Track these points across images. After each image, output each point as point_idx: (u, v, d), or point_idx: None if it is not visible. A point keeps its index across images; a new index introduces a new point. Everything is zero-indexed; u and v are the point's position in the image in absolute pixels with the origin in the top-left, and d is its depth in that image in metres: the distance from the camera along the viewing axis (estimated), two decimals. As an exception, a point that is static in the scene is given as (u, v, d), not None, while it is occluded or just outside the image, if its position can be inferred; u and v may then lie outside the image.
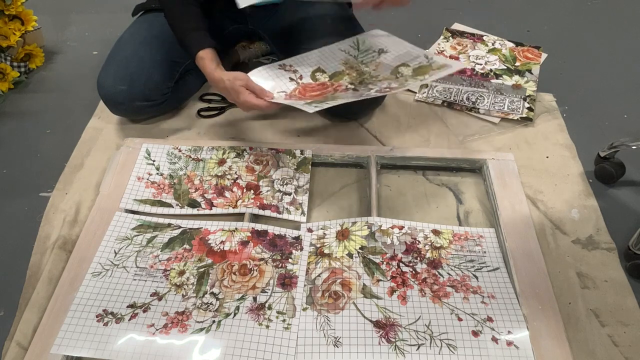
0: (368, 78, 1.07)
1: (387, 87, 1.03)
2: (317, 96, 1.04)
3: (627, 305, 0.89)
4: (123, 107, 1.17)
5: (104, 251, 0.93)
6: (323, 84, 1.07)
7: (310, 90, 1.06)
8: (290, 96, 1.05)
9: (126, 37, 1.20)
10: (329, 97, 1.02)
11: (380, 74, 1.07)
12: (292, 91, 1.06)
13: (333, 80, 1.08)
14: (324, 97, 1.02)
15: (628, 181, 1.12)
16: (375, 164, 1.10)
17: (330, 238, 0.96)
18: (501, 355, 0.80)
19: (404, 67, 1.08)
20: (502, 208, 1.01)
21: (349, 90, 1.05)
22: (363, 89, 1.04)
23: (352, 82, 1.07)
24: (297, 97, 1.04)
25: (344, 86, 1.06)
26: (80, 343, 0.80)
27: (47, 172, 1.13)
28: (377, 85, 1.04)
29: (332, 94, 1.04)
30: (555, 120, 1.26)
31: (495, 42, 1.48)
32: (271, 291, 0.87)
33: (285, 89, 1.07)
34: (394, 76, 1.06)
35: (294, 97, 1.04)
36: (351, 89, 1.05)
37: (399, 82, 1.04)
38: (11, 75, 1.35)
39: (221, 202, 1.03)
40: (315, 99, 1.01)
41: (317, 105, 0.96)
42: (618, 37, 1.57)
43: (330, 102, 0.98)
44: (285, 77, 1.09)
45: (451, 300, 0.87)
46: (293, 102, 1.00)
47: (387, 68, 1.09)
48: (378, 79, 1.06)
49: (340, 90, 1.05)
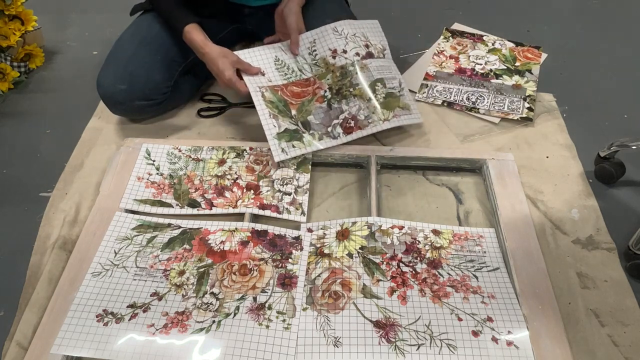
0: (347, 85, 1.12)
1: (354, 113, 1.11)
2: (296, 95, 1.11)
3: (627, 305, 0.89)
4: (123, 106, 1.17)
5: (104, 251, 0.93)
6: (307, 80, 1.13)
7: (293, 87, 1.12)
8: (273, 87, 1.12)
9: (126, 36, 1.20)
10: (305, 104, 1.11)
11: (360, 84, 1.12)
12: (275, 85, 1.12)
13: (316, 77, 1.12)
14: (300, 103, 1.11)
15: (628, 181, 1.12)
16: (375, 164, 1.09)
17: (330, 238, 0.96)
18: (501, 355, 0.80)
19: (380, 85, 1.14)
20: (502, 208, 1.01)
21: (323, 104, 1.11)
22: (336, 104, 1.11)
23: (331, 87, 1.12)
24: (280, 89, 1.12)
25: (323, 90, 1.12)
26: (80, 343, 0.80)
27: (47, 172, 1.13)
28: (350, 102, 1.11)
29: (308, 100, 1.10)
30: (555, 120, 1.26)
31: (495, 42, 1.48)
32: (271, 291, 0.87)
33: (271, 78, 1.13)
34: (366, 97, 1.12)
35: (277, 89, 1.11)
36: (327, 99, 1.11)
37: (368, 109, 1.12)
38: (11, 75, 1.35)
39: (221, 202, 1.03)
40: (296, 106, 1.11)
41: (291, 145, 1.07)
42: (618, 37, 1.57)
43: (302, 146, 1.08)
44: (271, 57, 1.14)
45: (451, 300, 0.87)
46: (267, 125, 1.08)
47: (369, 77, 1.14)
48: (354, 92, 1.12)
49: (317, 98, 1.11)
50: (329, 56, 1.14)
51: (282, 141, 1.07)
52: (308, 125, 1.10)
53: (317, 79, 1.12)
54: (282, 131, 1.08)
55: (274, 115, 1.09)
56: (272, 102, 1.10)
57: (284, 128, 1.08)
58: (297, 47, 1.14)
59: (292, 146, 1.07)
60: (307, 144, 1.08)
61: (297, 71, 1.14)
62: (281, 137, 1.07)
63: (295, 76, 1.14)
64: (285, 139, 1.07)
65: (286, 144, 1.07)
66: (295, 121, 1.09)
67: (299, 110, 1.10)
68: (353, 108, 1.11)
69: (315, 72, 1.13)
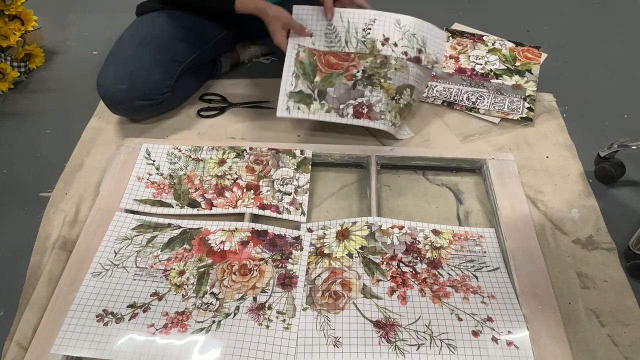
0: (381, 75, 1.11)
1: (372, 103, 1.11)
2: (330, 65, 1.12)
3: (627, 305, 0.89)
4: (122, 106, 1.17)
5: (104, 251, 0.93)
6: (347, 55, 1.12)
7: (331, 57, 1.12)
8: (312, 51, 1.13)
9: (126, 36, 1.20)
10: (332, 76, 1.11)
11: (393, 80, 1.12)
12: (315, 49, 1.13)
13: (357, 55, 1.12)
14: (328, 74, 1.11)
15: (628, 181, 1.12)
16: (375, 164, 1.10)
17: (330, 238, 0.96)
18: (501, 355, 0.80)
19: (408, 92, 1.14)
20: (502, 208, 1.01)
21: (350, 82, 1.11)
22: (361, 87, 1.11)
23: (364, 70, 1.12)
24: (317, 54, 1.12)
25: (356, 70, 1.11)
26: (80, 343, 0.80)
27: (47, 172, 1.13)
28: (374, 91, 1.11)
29: (338, 74, 1.11)
30: (555, 120, 1.26)
31: (495, 42, 1.48)
32: (271, 291, 0.87)
33: (315, 41, 1.13)
34: (392, 95, 1.12)
35: (315, 53, 1.12)
36: (355, 79, 1.11)
37: (387, 105, 1.12)
38: (11, 75, 1.35)
39: (221, 202, 1.03)
40: (323, 75, 1.11)
41: (297, 106, 1.09)
42: (618, 37, 1.57)
43: (306, 111, 1.10)
44: (326, 20, 1.14)
45: (451, 300, 0.87)
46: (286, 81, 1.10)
47: (403, 79, 1.13)
48: (383, 84, 1.11)
49: (347, 75, 1.11)
50: (379, 41, 1.13)
51: (291, 100, 1.09)
52: (324, 95, 1.11)
53: (357, 57, 1.12)
54: (297, 91, 1.10)
55: (297, 75, 1.11)
56: (302, 64, 1.11)
57: (299, 89, 1.10)
58: (330, 13, 1.12)
59: (298, 108, 1.09)
60: (312, 111, 1.10)
61: (342, 42, 1.13)
62: (292, 96, 1.10)
63: (339, 47, 1.13)
64: (294, 99, 1.10)
65: (293, 104, 1.09)
66: (313, 87, 1.11)
67: (323, 79, 1.11)
68: (374, 98, 1.11)
69: (359, 50, 1.13)
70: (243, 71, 1.42)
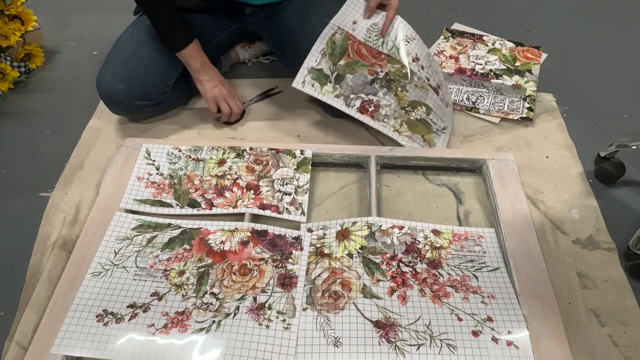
0: (401, 84, 1.13)
1: (381, 104, 1.12)
2: (359, 54, 1.14)
3: (627, 305, 0.89)
4: (122, 106, 1.17)
5: (104, 251, 0.93)
6: (379, 53, 1.15)
7: (363, 49, 1.14)
8: (349, 36, 1.14)
9: (126, 36, 1.20)
10: (356, 64, 1.12)
11: (409, 93, 1.13)
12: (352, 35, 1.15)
13: (388, 57, 1.14)
14: (354, 61, 1.13)
15: (628, 181, 1.12)
16: (375, 164, 1.09)
17: (330, 238, 0.96)
18: (501, 355, 0.80)
19: (423, 109, 1.15)
20: (502, 208, 1.01)
21: (370, 76, 1.12)
22: (377, 86, 1.12)
23: (387, 73, 1.13)
24: (352, 40, 1.14)
25: (381, 69, 1.13)
26: (80, 343, 0.80)
27: (47, 172, 1.13)
28: (387, 95, 1.13)
29: (362, 64, 1.13)
30: (555, 120, 1.26)
31: (495, 42, 1.48)
32: (271, 291, 0.87)
33: (356, 29, 1.15)
34: (404, 105, 1.13)
35: (350, 39, 1.14)
36: (376, 76, 1.13)
37: (394, 112, 1.13)
38: (11, 75, 1.35)
39: (221, 202, 1.03)
40: (349, 60, 1.13)
41: (312, 83, 1.12)
42: (618, 37, 1.57)
43: (318, 89, 1.12)
44: (372, 20, 1.16)
45: (451, 300, 0.87)
46: (312, 55, 1.12)
47: (421, 97, 1.15)
48: (398, 93, 1.13)
49: (371, 69, 1.13)
50: (410, 56, 1.15)
51: (310, 75, 1.12)
52: (340, 80, 1.12)
53: (386, 59, 1.14)
54: (317, 68, 1.12)
55: (324, 53, 1.12)
56: (334, 44, 1.13)
57: (320, 67, 1.12)
58: (368, 13, 1.15)
59: (312, 85, 1.12)
60: (323, 92, 1.12)
61: (380, 41, 1.15)
62: (311, 72, 1.13)
63: (375, 45, 1.15)
64: (312, 75, 1.12)
65: (310, 79, 1.12)
66: (334, 70, 1.12)
67: (347, 64, 1.13)
68: (384, 101, 1.12)
69: (391, 54, 1.14)
70: (243, 71, 1.42)
